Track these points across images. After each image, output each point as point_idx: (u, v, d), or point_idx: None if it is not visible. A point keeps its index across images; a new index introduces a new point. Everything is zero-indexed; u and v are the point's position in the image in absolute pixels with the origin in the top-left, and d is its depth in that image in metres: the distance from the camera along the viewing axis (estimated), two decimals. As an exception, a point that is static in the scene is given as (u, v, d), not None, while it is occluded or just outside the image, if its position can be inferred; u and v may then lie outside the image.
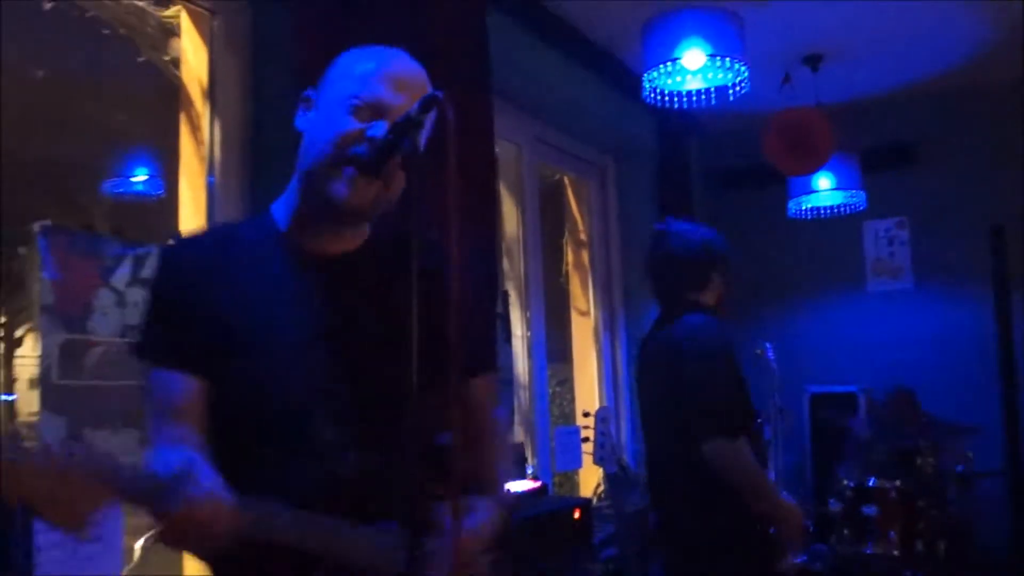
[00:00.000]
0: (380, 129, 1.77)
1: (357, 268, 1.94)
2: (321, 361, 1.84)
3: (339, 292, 1.90)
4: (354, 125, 1.81)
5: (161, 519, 1.50)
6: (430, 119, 1.73)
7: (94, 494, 1.42)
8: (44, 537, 2.68)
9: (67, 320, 3.09)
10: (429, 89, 1.87)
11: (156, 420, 1.81)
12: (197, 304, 1.83)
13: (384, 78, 1.85)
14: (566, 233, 6.44)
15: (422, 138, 1.71)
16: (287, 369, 1.82)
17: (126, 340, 3.09)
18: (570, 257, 6.42)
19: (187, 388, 1.81)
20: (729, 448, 3.50)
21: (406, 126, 1.68)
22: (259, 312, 1.85)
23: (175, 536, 1.52)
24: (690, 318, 3.76)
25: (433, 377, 1.58)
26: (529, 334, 5.35)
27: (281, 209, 1.97)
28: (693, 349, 3.64)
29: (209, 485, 1.52)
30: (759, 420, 4.00)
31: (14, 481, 1.38)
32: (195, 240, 2.24)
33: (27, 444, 1.41)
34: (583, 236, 6.37)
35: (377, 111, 1.82)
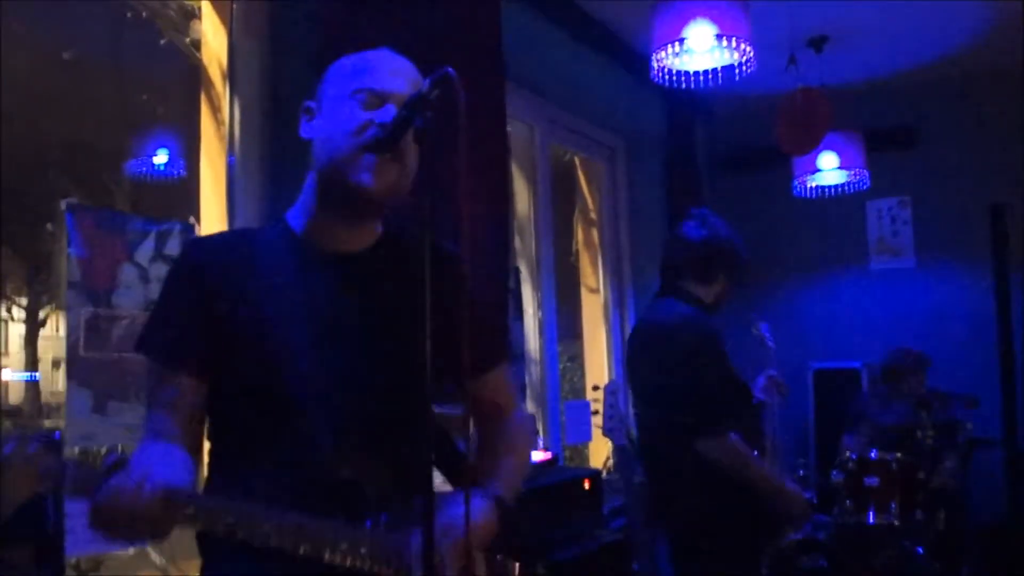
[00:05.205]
0: (388, 114, 1.83)
1: (370, 266, 1.98)
2: (330, 358, 1.88)
3: (353, 289, 1.94)
4: (364, 115, 1.87)
5: (92, 507, 1.57)
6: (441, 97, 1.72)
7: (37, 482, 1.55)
8: (75, 506, 2.78)
9: (93, 295, 3.11)
10: (421, 78, 1.92)
11: (149, 410, 1.90)
12: (207, 305, 1.88)
13: (382, 69, 1.93)
14: (576, 212, 6.51)
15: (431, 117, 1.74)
16: (295, 366, 1.85)
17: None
18: (580, 236, 6.49)
19: (182, 387, 1.88)
20: (718, 445, 3.57)
21: (418, 103, 1.73)
22: (271, 310, 1.88)
23: (101, 521, 1.58)
24: (678, 309, 3.81)
25: (445, 375, 1.69)
26: (540, 312, 5.42)
27: (296, 215, 2.01)
28: (677, 349, 3.69)
29: (140, 477, 1.57)
30: (755, 403, 4.05)
31: None
32: (210, 241, 2.31)
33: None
34: (593, 215, 6.43)
35: (382, 99, 1.88)
